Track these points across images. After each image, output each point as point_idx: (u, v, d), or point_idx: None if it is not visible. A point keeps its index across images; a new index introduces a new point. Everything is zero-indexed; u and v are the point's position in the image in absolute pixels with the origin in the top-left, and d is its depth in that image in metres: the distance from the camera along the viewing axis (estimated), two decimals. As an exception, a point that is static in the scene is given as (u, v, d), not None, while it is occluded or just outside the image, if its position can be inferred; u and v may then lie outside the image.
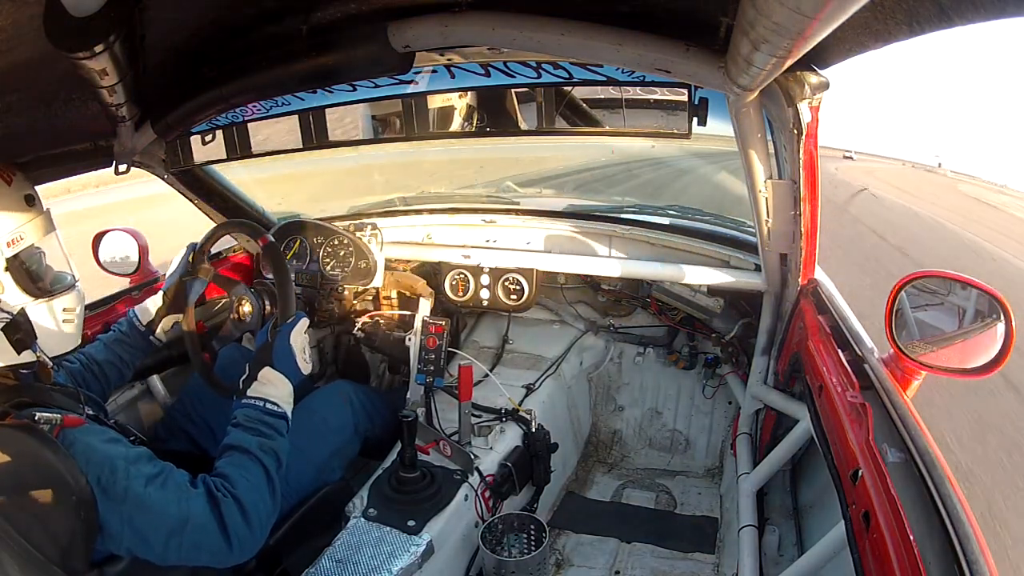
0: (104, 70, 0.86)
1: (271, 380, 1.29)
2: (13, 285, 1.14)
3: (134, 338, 1.56)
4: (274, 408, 1.25)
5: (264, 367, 1.29)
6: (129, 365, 1.55)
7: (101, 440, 1.07)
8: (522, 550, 1.53)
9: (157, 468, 1.11)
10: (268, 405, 1.25)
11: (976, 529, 0.79)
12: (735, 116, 1.13)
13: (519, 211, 2.27)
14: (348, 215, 2.39)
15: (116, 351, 1.52)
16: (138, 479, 1.05)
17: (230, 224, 1.72)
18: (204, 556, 1.10)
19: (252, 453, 1.18)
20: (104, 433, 1.10)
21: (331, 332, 2.47)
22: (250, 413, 1.24)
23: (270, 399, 1.26)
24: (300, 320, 1.36)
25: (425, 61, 1.16)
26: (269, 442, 1.21)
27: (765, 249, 1.53)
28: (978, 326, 1.13)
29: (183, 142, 1.65)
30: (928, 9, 0.63)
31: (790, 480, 1.72)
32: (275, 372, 1.29)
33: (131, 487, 1.04)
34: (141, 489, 1.05)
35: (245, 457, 1.18)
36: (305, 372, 1.34)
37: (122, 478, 1.04)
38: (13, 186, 1.16)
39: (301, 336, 1.35)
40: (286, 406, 1.28)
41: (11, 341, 1.09)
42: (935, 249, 8.41)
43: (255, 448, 1.19)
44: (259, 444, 1.20)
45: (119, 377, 1.52)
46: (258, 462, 1.18)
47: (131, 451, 1.10)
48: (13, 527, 0.94)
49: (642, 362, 2.30)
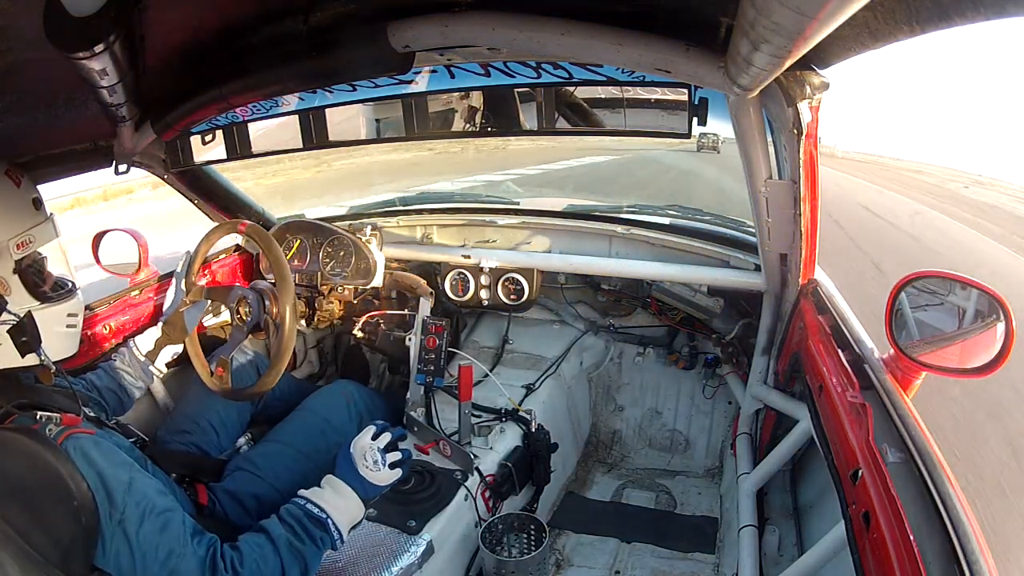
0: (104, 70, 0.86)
1: (329, 485, 1.20)
2: (21, 288, 1.14)
3: (134, 368, 1.57)
4: (316, 512, 1.15)
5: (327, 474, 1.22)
6: (129, 395, 1.55)
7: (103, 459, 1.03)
8: (522, 550, 1.53)
9: (162, 506, 1.05)
10: (310, 507, 1.16)
11: (976, 529, 0.79)
12: (735, 116, 1.13)
13: (519, 211, 2.27)
14: (348, 215, 2.39)
15: (116, 379, 1.53)
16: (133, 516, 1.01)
17: (208, 235, 1.70)
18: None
19: (277, 547, 1.10)
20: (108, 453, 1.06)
21: (331, 332, 2.47)
22: (292, 510, 1.16)
23: (316, 502, 1.17)
24: (364, 431, 1.27)
25: (425, 61, 1.16)
26: (299, 545, 1.12)
27: (765, 249, 1.53)
28: (978, 326, 1.13)
29: (183, 142, 1.65)
30: (928, 9, 0.63)
31: (790, 480, 1.72)
32: (336, 479, 1.20)
33: (125, 522, 1.00)
34: (134, 529, 1.00)
35: (269, 547, 1.11)
36: (377, 481, 1.21)
37: (118, 511, 1.00)
38: (22, 188, 1.16)
39: (363, 443, 1.24)
40: (335, 514, 1.16)
41: (16, 344, 1.09)
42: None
43: (283, 544, 1.11)
44: (288, 542, 1.11)
45: (119, 406, 1.52)
46: (278, 557, 1.10)
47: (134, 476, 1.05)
48: (14, 529, 0.93)
49: (642, 362, 2.31)
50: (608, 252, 2.09)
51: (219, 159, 1.66)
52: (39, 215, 1.18)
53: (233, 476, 1.47)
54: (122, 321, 1.76)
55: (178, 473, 1.41)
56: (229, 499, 1.42)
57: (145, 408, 1.81)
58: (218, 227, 1.68)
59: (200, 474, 1.46)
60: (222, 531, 1.26)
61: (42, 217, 1.19)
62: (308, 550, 1.12)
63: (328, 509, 1.16)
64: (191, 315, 1.58)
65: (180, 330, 1.58)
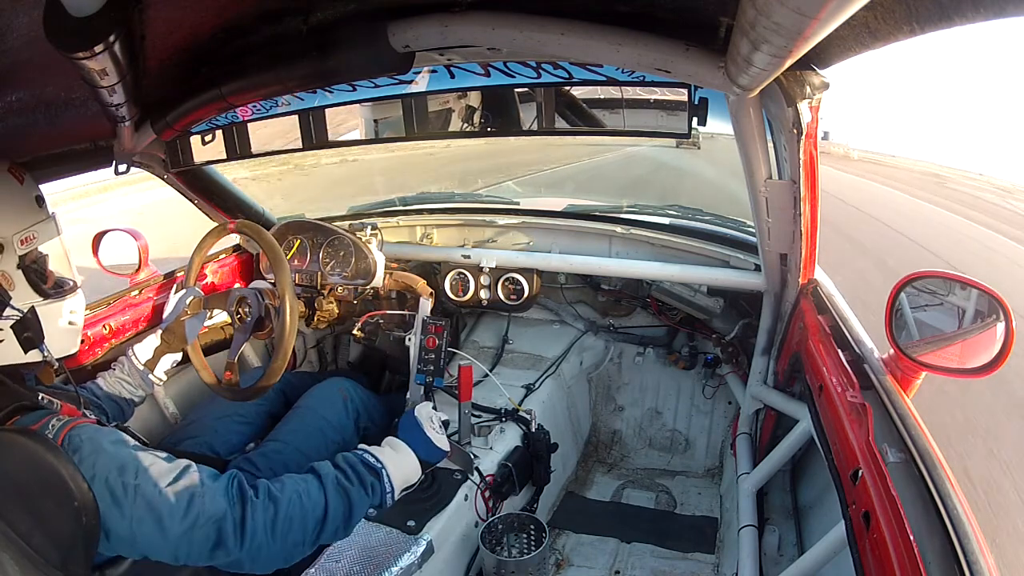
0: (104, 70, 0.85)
1: (389, 444, 1.24)
2: (25, 284, 1.14)
3: (133, 377, 1.57)
4: (372, 461, 1.17)
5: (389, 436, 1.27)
6: (130, 403, 1.56)
7: (109, 441, 1.04)
8: (522, 550, 1.53)
9: (173, 465, 1.05)
10: (368, 456, 1.19)
11: (976, 529, 0.79)
12: (735, 116, 1.13)
13: (519, 211, 2.27)
14: (348, 215, 2.39)
15: (117, 388, 1.54)
16: (147, 479, 1.01)
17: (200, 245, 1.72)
18: (220, 555, 1.02)
19: (323, 483, 1.11)
20: (112, 434, 1.07)
21: (331, 332, 2.47)
22: (348, 456, 1.18)
23: (374, 453, 1.20)
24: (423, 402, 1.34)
25: (425, 61, 1.16)
26: (347, 484, 1.12)
27: (765, 249, 1.53)
28: (978, 326, 1.13)
29: (183, 142, 1.65)
30: (928, 9, 0.63)
31: (790, 480, 1.72)
32: (397, 440, 1.25)
33: (141, 487, 1.00)
34: (152, 488, 1.00)
35: (315, 482, 1.11)
36: (440, 444, 1.27)
37: (131, 477, 1.00)
38: (24, 185, 1.17)
39: (427, 410, 1.33)
40: (392, 468, 1.18)
41: (19, 339, 1.10)
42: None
43: (330, 481, 1.11)
44: (335, 480, 1.12)
45: (119, 414, 1.52)
46: (323, 493, 1.10)
47: (141, 451, 1.06)
48: (14, 530, 0.93)
49: (642, 362, 2.31)
50: (608, 252, 2.09)
51: (219, 159, 1.66)
52: (41, 212, 1.19)
53: None
54: (122, 321, 1.76)
55: None
56: None
57: (148, 414, 1.81)
58: (208, 233, 1.71)
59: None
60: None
61: (44, 214, 1.20)
62: (355, 492, 1.12)
63: (385, 462, 1.18)
64: (192, 325, 1.59)
65: (179, 338, 1.59)
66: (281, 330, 1.49)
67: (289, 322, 1.49)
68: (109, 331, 1.72)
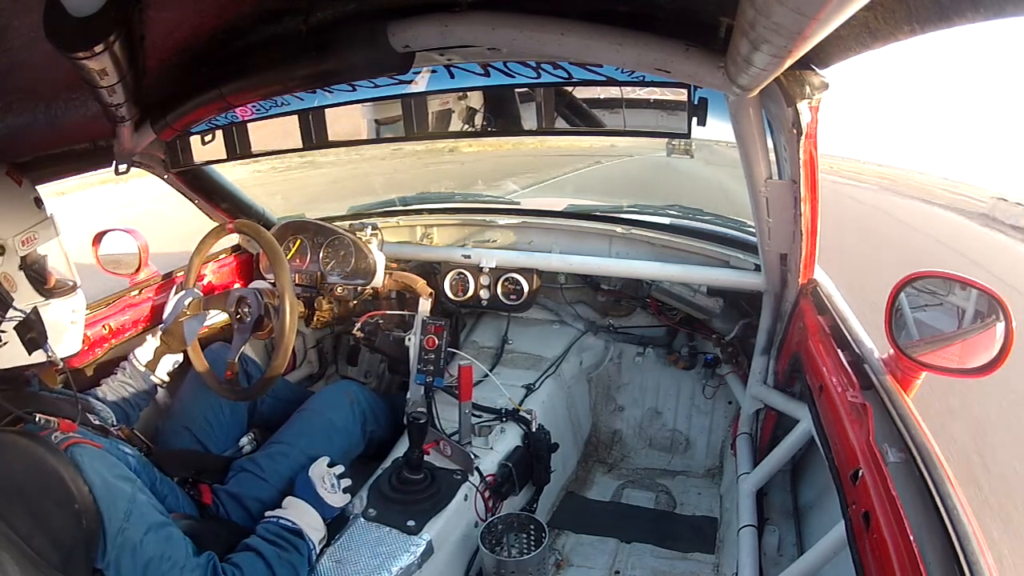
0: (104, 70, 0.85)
1: (290, 504, 1.32)
2: (27, 284, 1.15)
3: (136, 380, 1.58)
4: (289, 524, 1.26)
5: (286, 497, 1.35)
6: (133, 407, 1.57)
7: (112, 475, 1.05)
8: (522, 550, 1.53)
9: (164, 521, 1.09)
10: (283, 521, 1.27)
11: (976, 529, 0.79)
12: (735, 116, 1.13)
13: (519, 211, 2.27)
14: (348, 215, 2.39)
15: (120, 393, 1.55)
16: (138, 525, 1.03)
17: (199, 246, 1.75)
18: None
19: (268, 561, 1.18)
20: (116, 467, 1.08)
21: (331, 332, 2.47)
22: (268, 527, 1.27)
23: (286, 516, 1.28)
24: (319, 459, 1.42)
25: (425, 61, 1.16)
26: (287, 555, 1.21)
27: (765, 249, 1.53)
28: (978, 326, 1.13)
29: (183, 142, 1.65)
30: (928, 9, 0.63)
31: (790, 480, 1.72)
32: (296, 499, 1.33)
33: (129, 530, 1.02)
34: (139, 536, 1.03)
35: (261, 562, 1.18)
36: (332, 503, 1.36)
37: (121, 519, 1.02)
38: (23, 188, 1.19)
39: (320, 468, 1.40)
40: (306, 528, 1.27)
41: (23, 340, 1.10)
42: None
43: (272, 556, 1.19)
44: (276, 554, 1.20)
45: (125, 419, 1.52)
46: (270, 570, 1.18)
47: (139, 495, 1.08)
48: (15, 532, 0.94)
49: (642, 362, 2.30)
50: (608, 252, 2.09)
51: (219, 159, 1.66)
52: (40, 213, 1.21)
53: (237, 478, 1.47)
54: (121, 321, 1.76)
55: (182, 475, 1.41)
56: (232, 501, 1.42)
57: (150, 412, 1.81)
58: (207, 235, 1.72)
59: (203, 473, 1.47)
60: (224, 532, 1.28)
61: (43, 215, 1.21)
62: (295, 558, 1.22)
63: (298, 522, 1.28)
64: (191, 326, 1.60)
65: (179, 339, 1.59)
66: (281, 329, 1.49)
67: (289, 321, 1.49)
68: (109, 331, 1.71)
